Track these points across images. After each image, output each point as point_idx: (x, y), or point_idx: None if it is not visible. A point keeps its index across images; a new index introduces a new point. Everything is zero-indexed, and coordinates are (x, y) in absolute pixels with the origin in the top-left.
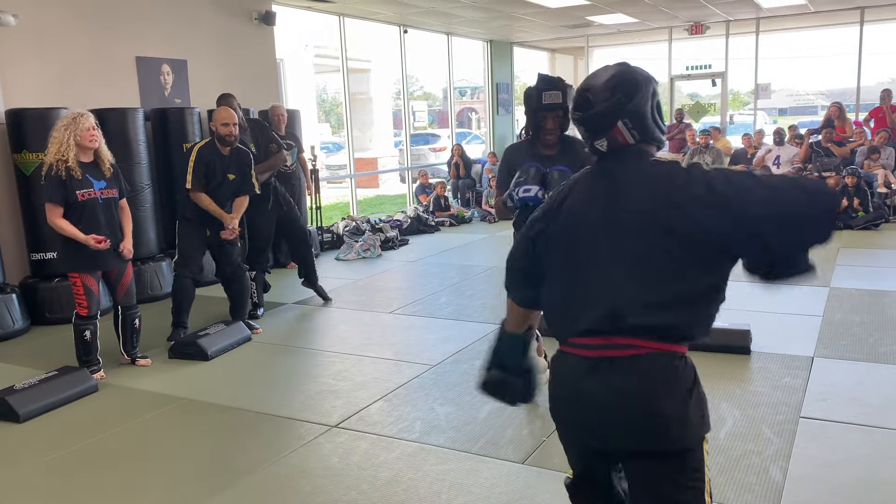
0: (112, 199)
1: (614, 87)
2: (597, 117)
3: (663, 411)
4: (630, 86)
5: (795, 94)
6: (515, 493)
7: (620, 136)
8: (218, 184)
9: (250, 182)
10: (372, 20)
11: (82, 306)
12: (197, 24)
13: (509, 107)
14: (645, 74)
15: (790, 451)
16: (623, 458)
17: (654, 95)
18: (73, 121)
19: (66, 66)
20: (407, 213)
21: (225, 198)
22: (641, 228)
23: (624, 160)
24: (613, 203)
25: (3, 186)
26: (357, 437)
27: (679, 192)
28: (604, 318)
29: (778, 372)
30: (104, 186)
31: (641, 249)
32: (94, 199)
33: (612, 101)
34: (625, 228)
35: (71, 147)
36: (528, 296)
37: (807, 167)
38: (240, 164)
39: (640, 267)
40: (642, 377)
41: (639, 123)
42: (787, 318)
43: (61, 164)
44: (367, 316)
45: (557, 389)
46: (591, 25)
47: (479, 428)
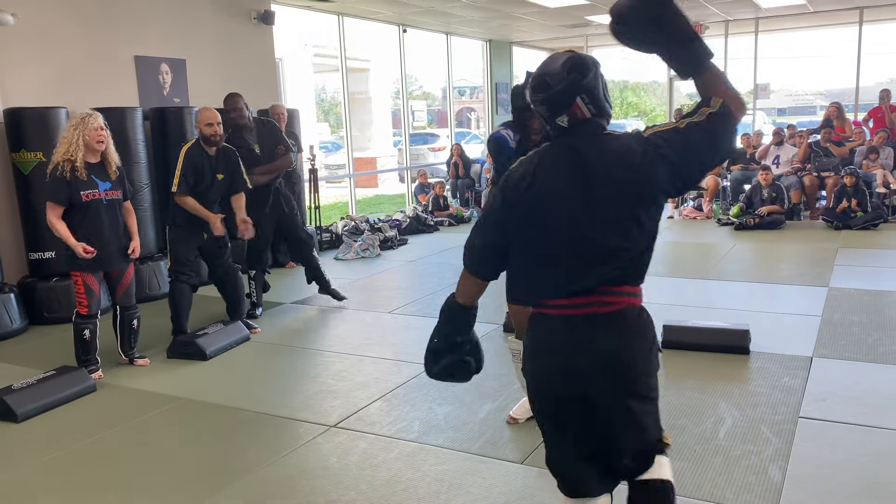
0: (116, 201)
1: (570, 68)
2: (557, 95)
3: (636, 363)
4: (583, 66)
5: (794, 94)
6: (514, 492)
7: (579, 110)
8: (207, 185)
9: (241, 179)
10: (371, 20)
11: (83, 305)
12: (196, 23)
13: (508, 106)
14: (592, 59)
15: (789, 451)
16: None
17: (601, 77)
18: (82, 121)
19: (64, 66)
20: (406, 212)
21: (215, 199)
22: (617, 198)
23: (584, 135)
24: (586, 175)
25: (2, 185)
26: (356, 437)
27: (643, 162)
28: (587, 280)
29: (777, 372)
30: (109, 188)
31: (616, 216)
32: (99, 200)
33: (570, 80)
34: (602, 198)
35: (79, 147)
36: (493, 269)
37: (806, 167)
38: (227, 163)
39: (615, 231)
40: (622, 331)
41: (594, 99)
42: (786, 318)
43: (67, 164)
44: (366, 316)
45: (540, 345)
46: (590, 25)
47: (478, 428)
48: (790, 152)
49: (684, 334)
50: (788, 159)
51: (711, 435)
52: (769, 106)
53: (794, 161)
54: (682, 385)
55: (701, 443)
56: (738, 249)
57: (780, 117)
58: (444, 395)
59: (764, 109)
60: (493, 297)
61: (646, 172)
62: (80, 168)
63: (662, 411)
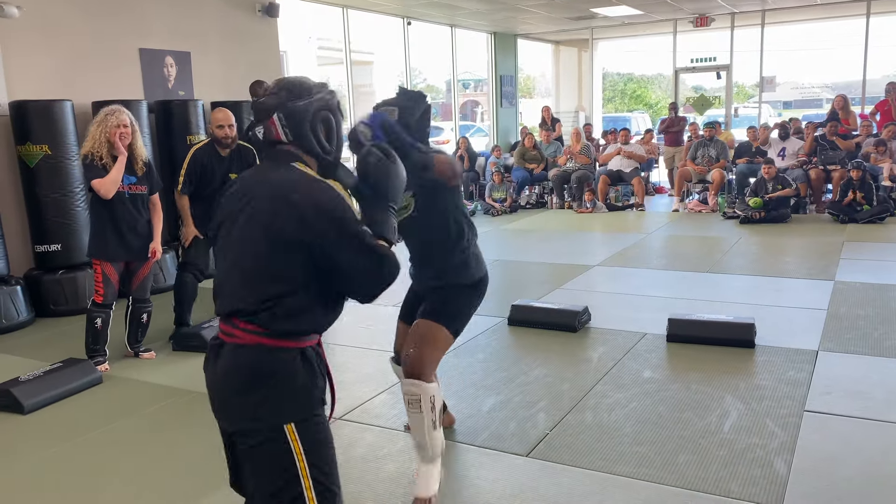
0: (140, 196)
1: (284, 86)
2: (259, 104)
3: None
4: (299, 89)
5: (801, 87)
6: (519, 485)
7: (274, 128)
8: (218, 186)
9: None
10: (375, 12)
11: (99, 293)
12: (200, 15)
13: (513, 99)
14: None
15: (794, 445)
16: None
17: (320, 117)
18: (105, 118)
19: (69, 58)
20: None
21: None
22: (250, 223)
23: (271, 157)
24: (244, 196)
25: (8, 178)
26: (361, 429)
27: (289, 202)
28: (220, 306)
29: (782, 365)
30: (134, 182)
31: (243, 242)
32: (122, 194)
33: (275, 95)
34: (241, 221)
35: (103, 144)
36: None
37: (812, 160)
38: (242, 163)
39: (240, 260)
40: (229, 364)
41: (294, 124)
42: (792, 312)
43: (97, 157)
44: (370, 309)
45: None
46: (595, 17)
47: (482, 421)
48: (795, 145)
49: (689, 328)
50: (794, 152)
51: (716, 428)
52: (775, 99)
53: (799, 154)
54: (687, 378)
55: (706, 436)
56: (744, 243)
57: (786, 110)
58: (449, 388)
59: (770, 102)
60: (498, 291)
61: (277, 221)
62: (108, 161)
63: (668, 403)
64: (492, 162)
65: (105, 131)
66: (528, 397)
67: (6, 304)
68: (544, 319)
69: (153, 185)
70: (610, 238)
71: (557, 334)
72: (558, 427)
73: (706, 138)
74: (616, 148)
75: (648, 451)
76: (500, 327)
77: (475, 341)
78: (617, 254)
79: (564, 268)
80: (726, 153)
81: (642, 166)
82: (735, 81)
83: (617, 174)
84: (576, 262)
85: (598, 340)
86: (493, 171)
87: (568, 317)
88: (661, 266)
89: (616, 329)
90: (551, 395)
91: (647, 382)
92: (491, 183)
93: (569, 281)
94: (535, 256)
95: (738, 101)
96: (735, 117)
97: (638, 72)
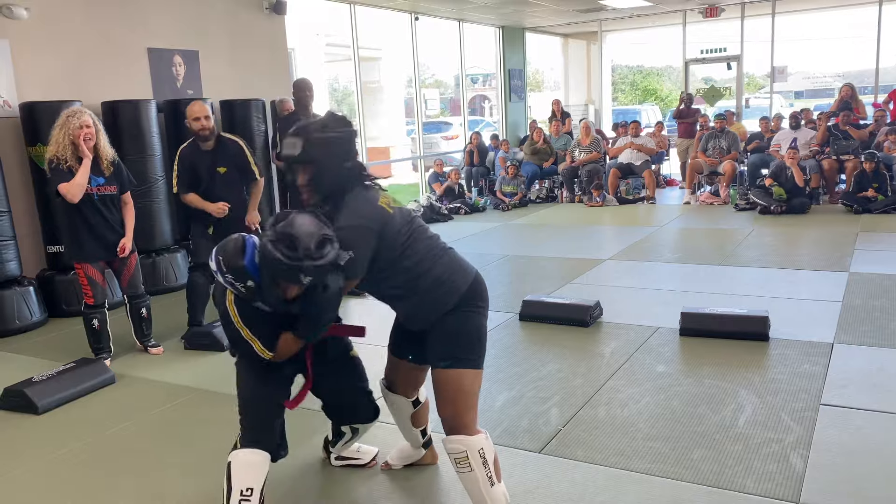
0: (109, 196)
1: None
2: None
3: None
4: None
5: (812, 77)
6: (533, 481)
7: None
8: (208, 181)
9: (249, 170)
10: (383, 8)
11: (88, 296)
12: (208, 14)
13: (522, 93)
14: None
15: (811, 439)
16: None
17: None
18: (67, 120)
19: (78, 59)
20: (420, 201)
21: (221, 192)
22: None
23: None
24: None
25: (19, 179)
26: (376, 426)
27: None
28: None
29: (797, 359)
30: (102, 183)
31: None
32: (90, 196)
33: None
34: None
35: (66, 146)
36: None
37: (824, 150)
38: (227, 155)
39: None
40: None
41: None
42: (806, 304)
43: (62, 160)
44: (382, 306)
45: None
46: (604, 10)
47: (495, 416)
48: (807, 135)
49: (702, 321)
50: (806, 142)
51: (731, 423)
52: (786, 89)
53: (812, 144)
54: (701, 373)
55: (720, 431)
56: (756, 235)
57: (798, 100)
58: None
59: (781, 93)
60: (509, 286)
61: None
62: (73, 164)
63: (682, 398)
64: (501, 157)
65: (68, 133)
66: (541, 393)
67: (19, 304)
68: (556, 314)
69: (123, 184)
70: (621, 232)
71: (569, 329)
72: (571, 422)
73: (717, 130)
74: (626, 141)
75: (662, 447)
76: (512, 323)
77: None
78: (628, 247)
79: (575, 262)
80: (737, 144)
81: (653, 159)
82: (746, 72)
83: (627, 167)
84: (587, 256)
85: (611, 335)
86: (503, 166)
87: (580, 312)
88: (674, 259)
89: (628, 323)
90: (564, 391)
91: (661, 377)
92: (502, 176)
93: (580, 275)
94: (545, 251)
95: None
96: (746, 108)
97: (647, 64)
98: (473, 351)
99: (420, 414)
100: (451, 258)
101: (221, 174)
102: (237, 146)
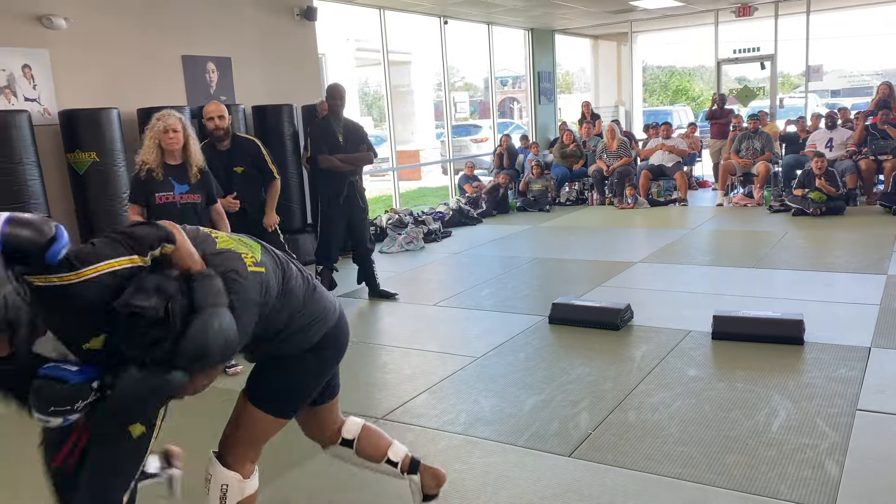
0: (193, 205)
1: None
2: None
3: None
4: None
5: (849, 76)
6: (563, 485)
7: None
8: (225, 180)
9: (267, 169)
10: (412, 12)
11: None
12: (240, 21)
13: (551, 95)
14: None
15: (847, 445)
16: None
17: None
18: (155, 123)
19: (115, 67)
20: (449, 205)
21: (239, 192)
22: None
23: None
24: None
25: (58, 185)
26: (403, 429)
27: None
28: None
29: (833, 363)
30: (186, 191)
31: None
32: (172, 204)
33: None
34: None
35: (152, 150)
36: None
37: (861, 150)
38: (244, 154)
39: None
40: None
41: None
42: (843, 308)
43: (144, 166)
44: (411, 308)
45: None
46: (634, 10)
47: (524, 420)
48: (844, 135)
49: (735, 324)
50: (842, 142)
51: (764, 428)
52: (822, 88)
53: (849, 144)
54: (734, 377)
55: (753, 436)
56: (791, 237)
57: (834, 99)
58: (490, 387)
59: (817, 92)
60: (539, 289)
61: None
62: (157, 170)
63: (714, 403)
64: (530, 159)
65: (154, 137)
66: (571, 396)
67: None
68: (586, 317)
69: (210, 194)
70: (652, 234)
71: (599, 332)
72: (601, 427)
73: (750, 130)
74: (658, 143)
75: (694, 452)
76: (541, 326)
77: (514, 340)
78: (659, 250)
79: (606, 265)
80: (771, 145)
81: (685, 160)
82: (780, 71)
83: (659, 169)
84: (617, 258)
85: (641, 338)
86: (531, 166)
87: (610, 315)
88: (706, 262)
89: (659, 327)
90: (594, 395)
91: (692, 381)
92: (529, 177)
93: (610, 278)
94: (575, 254)
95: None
96: (780, 108)
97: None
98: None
99: (365, 447)
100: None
101: (238, 173)
102: (255, 146)
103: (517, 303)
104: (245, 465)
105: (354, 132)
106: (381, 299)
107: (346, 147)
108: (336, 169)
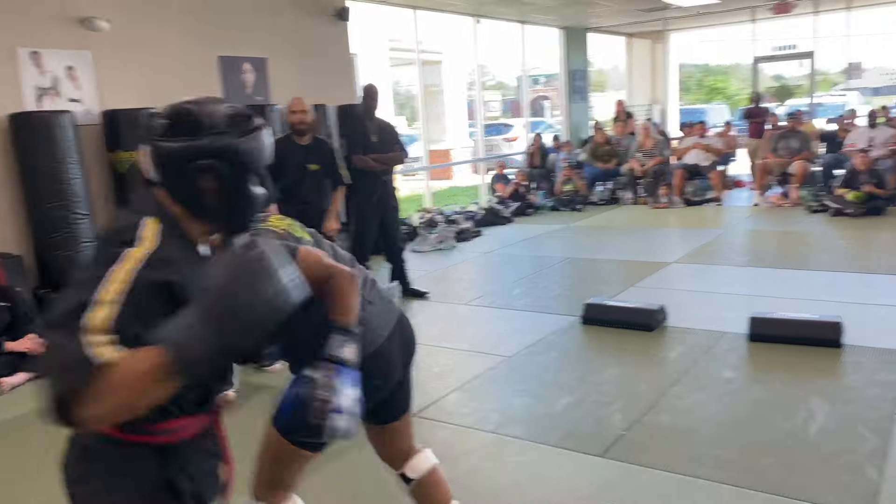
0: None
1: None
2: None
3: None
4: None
5: (890, 73)
6: (596, 485)
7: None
8: (295, 177)
9: (338, 173)
10: (445, 11)
11: None
12: (275, 22)
13: (585, 94)
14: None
15: (887, 450)
16: None
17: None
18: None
19: (154, 68)
20: (480, 204)
21: (311, 189)
22: None
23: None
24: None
25: (101, 184)
26: (435, 426)
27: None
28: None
29: (873, 366)
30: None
31: None
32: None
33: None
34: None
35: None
36: None
37: None
38: (322, 153)
39: None
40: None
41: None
42: (883, 310)
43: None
44: (442, 307)
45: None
46: (669, 8)
47: (556, 420)
48: (886, 134)
49: (772, 326)
50: (884, 141)
51: (802, 431)
52: (862, 86)
53: (890, 144)
54: (770, 379)
55: (790, 439)
56: (829, 238)
57: (875, 97)
58: (521, 387)
59: (857, 89)
60: (572, 289)
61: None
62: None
63: (749, 405)
64: (563, 158)
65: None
66: (604, 397)
67: None
68: (619, 318)
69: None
70: (687, 234)
71: (633, 333)
72: (635, 427)
73: (788, 129)
74: (693, 141)
75: (729, 454)
76: (574, 326)
77: (546, 340)
78: (694, 250)
79: (639, 265)
80: (809, 144)
81: (720, 159)
82: (818, 69)
83: (694, 168)
84: (651, 259)
85: (676, 340)
86: (563, 165)
87: (644, 315)
88: (742, 263)
89: (694, 328)
90: (627, 395)
91: (728, 383)
92: (562, 178)
93: (644, 279)
94: (608, 254)
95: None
96: (819, 106)
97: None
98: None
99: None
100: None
101: (312, 171)
102: (331, 148)
103: (549, 303)
104: (275, 492)
105: (387, 132)
106: (412, 298)
107: (380, 147)
108: (370, 169)
